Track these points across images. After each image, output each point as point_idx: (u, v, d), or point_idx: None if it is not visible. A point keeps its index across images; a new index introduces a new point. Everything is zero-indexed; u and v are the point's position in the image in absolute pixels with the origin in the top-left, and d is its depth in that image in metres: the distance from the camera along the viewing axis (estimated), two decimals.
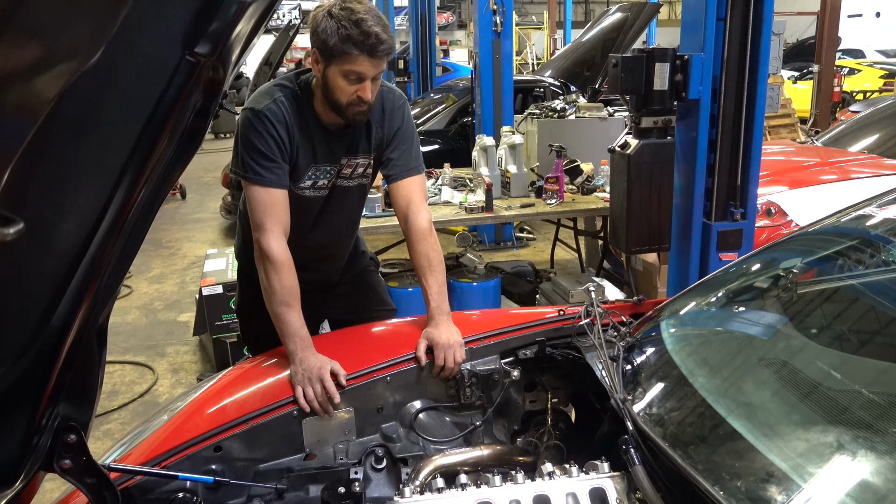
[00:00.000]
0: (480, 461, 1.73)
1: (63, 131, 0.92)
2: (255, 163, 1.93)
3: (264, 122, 1.94)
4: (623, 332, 1.85)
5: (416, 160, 2.16)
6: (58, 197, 1.01)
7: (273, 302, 1.91)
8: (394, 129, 2.12)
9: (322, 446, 1.77)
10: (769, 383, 1.48)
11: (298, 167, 2.03)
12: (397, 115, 2.12)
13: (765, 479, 1.21)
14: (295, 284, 1.93)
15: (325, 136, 2.05)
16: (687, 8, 2.99)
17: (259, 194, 1.94)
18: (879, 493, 1.14)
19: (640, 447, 1.41)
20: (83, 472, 1.32)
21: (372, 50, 1.83)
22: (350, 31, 1.80)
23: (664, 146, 3.02)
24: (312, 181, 2.10)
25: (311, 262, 2.23)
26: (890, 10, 22.20)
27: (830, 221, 1.94)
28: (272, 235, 1.92)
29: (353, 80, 1.88)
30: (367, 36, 1.81)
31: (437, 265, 2.09)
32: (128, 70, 0.94)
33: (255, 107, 1.96)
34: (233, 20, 0.98)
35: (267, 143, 1.94)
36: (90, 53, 0.74)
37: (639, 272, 4.25)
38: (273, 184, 1.95)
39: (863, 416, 1.30)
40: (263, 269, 1.92)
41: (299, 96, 2.01)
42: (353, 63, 1.85)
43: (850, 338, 1.59)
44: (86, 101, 0.91)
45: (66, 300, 1.14)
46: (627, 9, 8.29)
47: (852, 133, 5.84)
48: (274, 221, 1.94)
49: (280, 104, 1.97)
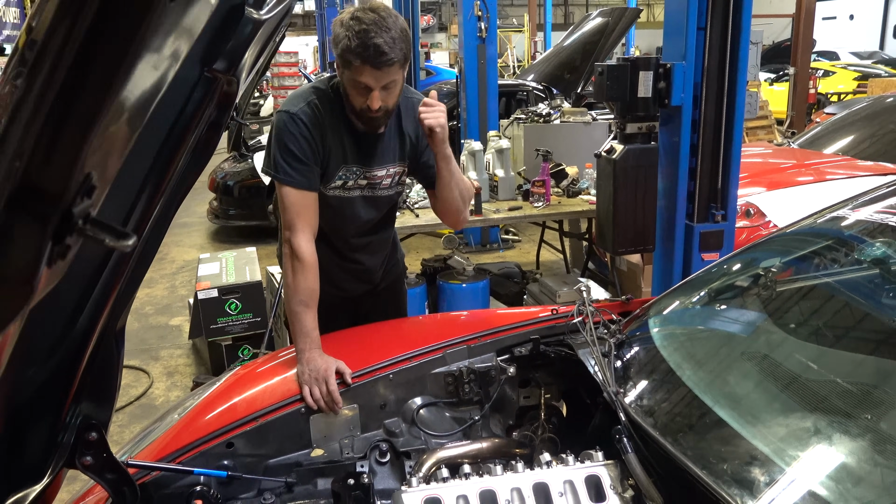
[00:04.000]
0: (480, 454, 1.81)
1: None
2: (287, 165, 2.00)
3: (298, 125, 2.00)
4: (613, 330, 1.94)
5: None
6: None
7: (293, 300, 1.98)
8: (424, 137, 2.16)
9: (328, 442, 1.83)
10: (751, 375, 1.58)
11: (330, 168, 2.09)
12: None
13: (749, 462, 1.30)
14: (316, 287, 2.01)
15: (356, 138, 2.11)
16: (669, 18, 3.09)
17: (291, 195, 2.01)
18: (854, 473, 1.24)
19: (633, 436, 1.49)
20: (104, 469, 1.37)
21: (374, 61, 1.86)
22: (352, 43, 1.85)
23: (648, 151, 3.13)
24: (343, 181, 2.15)
25: (348, 262, 2.31)
26: (863, 12, 22.62)
27: (807, 223, 2.05)
28: (302, 236, 2.00)
29: (361, 90, 1.94)
30: (367, 48, 1.84)
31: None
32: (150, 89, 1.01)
33: (290, 109, 2.02)
34: (248, 38, 1.04)
35: (300, 145, 2.00)
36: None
37: (623, 272, 4.36)
38: (304, 186, 2.02)
39: (838, 403, 1.40)
40: (290, 266, 2.00)
41: (332, 99, 2.07)
42: (357, 73, 1.90)
43: (825, 332, 1.70)
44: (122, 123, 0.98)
45: (90, 304, 1.20)
46: (608, 13, 8.42)
47: (828, 135, 5.97)
48: (304, 222, 2.01)
49: (314, 107, 2.03)
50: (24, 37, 0.78)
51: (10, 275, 0.74)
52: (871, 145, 5.49)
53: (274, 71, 11.52)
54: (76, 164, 0.73)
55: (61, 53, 0.66)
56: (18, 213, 0.71)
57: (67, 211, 0.72)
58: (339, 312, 2.37)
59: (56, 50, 0.66)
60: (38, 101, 0.67)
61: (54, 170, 0.72)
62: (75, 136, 0.72)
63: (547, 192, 4.38)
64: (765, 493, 1.23)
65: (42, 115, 0.68)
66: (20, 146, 0.68)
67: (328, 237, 2.25)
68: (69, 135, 0.72)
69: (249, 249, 4.49)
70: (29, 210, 0.71)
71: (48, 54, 0.66)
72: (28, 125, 0.68)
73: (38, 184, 0.71)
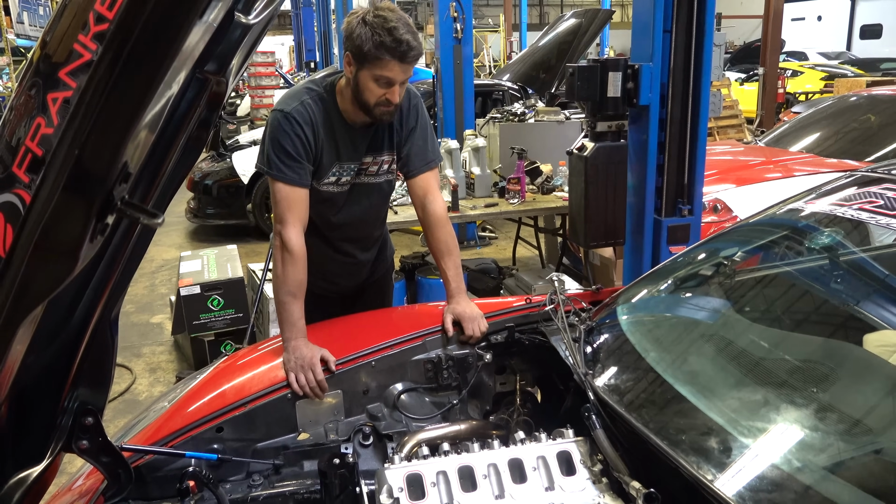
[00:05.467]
0: (458, 435, 1.89)
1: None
2: (280, 162, 2.09)
3: (291, 124, 2.09)
4: (584, 317, 2.05)
5: (432, 153, 2.33)
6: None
7: (282, 291, 2.06)
8: (410, 128, 2.27)
9: (314, 426, 1.91)
10: (709, 355, 1.70)
11: (322, 165, 2.18)
12: (412, 113, 2.28)
13: (705, 432, 1.42)
14: (304, 279, 2.09)
15: (350, 135, 2.20)
16: (636, 21, 3.21)
17: (283, 191, 2.10)
18: (799, 439, 1.36)
19: (601, 413, 1.59)
20: (99, 452, 1.43)
21: (403, 56, 1.98)
22: (384, 38, 1.95)
23: (618, 148, 3.25)
24: (336, 177, 2.23)
25: (340, 255, 2.40)
26: (830, 14, 23.08)
27: (766, 214, 2.17)
28: (293, 229, 2.08)
29: (382, 84, 2.03)
30: (400, 43, 1.96)
31: (454, 249, 2.29)
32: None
33: (284, 108, 2.11)
34: (238, 40, 1.11)
35: (293, 143, 2.09)
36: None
37: (596, 267, 4.48)
38: (296, 182, 2.10)
39: (787, 378, 1.52)
40: (280, 258, 2.08)
41: (325, 98, 2.16)
42: (384, 68, 2.00)
43: (778, 315, 1.82)
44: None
45: (88, 293, 1.27)
46: (581, 15, 8.57)
47: (793, 133, 6.14)
48: (295, 217, 2.09)
49: (307, 106, 2.12)
50: (38, 51, 0.89)
51: (60, 246, 0.87)
52: (836, 142, 5.65)
53: (251, 71, 11.49)
54: (119, 154, 0.84)
55: (115, 62, 0.80)
56: (72, 193, 0.84)
57: (109, 193, 0.84)
58: (329, 306, 2.44)
59: (110, 59, 0.81)
60: (94, 103, 0.81)
61: (102, 158, 0.85)
62: (120, 131, 0.86)
63: (522, 189, 4.49)
64: (719, 459, 1.34)
65: (95, 112, 0.81)
66: (77, 137, 0.81)
67: (321, 231, 2.34)
68: (115, 129, 0.85)
69: (231, 247, 4.55)
70: (80, 190, 0.83)
71: (103, 65, 0.82)
72: (83, 120, 0.81)
73: (89, 169, 0.83)
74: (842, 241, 1.83)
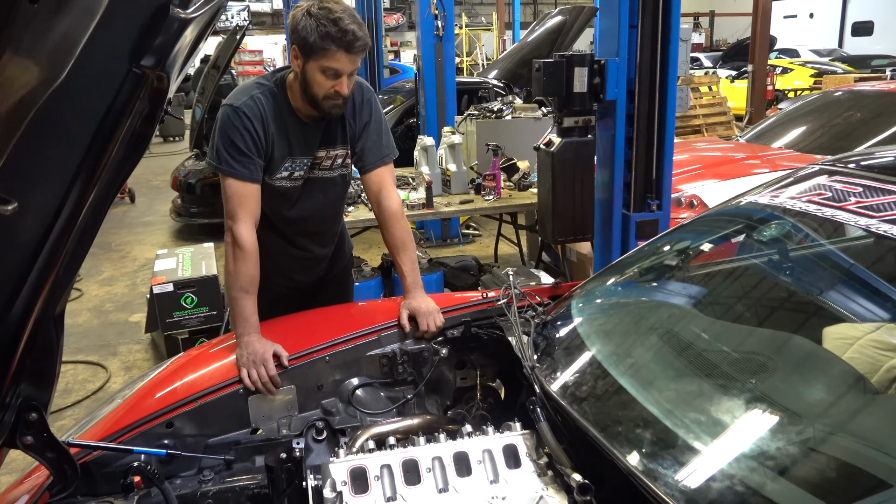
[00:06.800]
0: (411, 429, 1.88)
1: (26, 138, 1.07)
2: (230, 157, 2.08)
3: (241, 118, 2.08)
4: (539, 311, 2.06)
5: (386, 148, 2.32)
6: (20, 195, 1.15)
7: (234, 287, 2.05)
8: (363, 122, 2.27)
9: (267, 421, 1.92)
10: (652, 347, 1.71)
11: (274, 160, 2.17)
12: (366, 108, 2.27)
13: (640, 424, 1.42)
14: (256, 274, 2.08)
15: (302, 130, 2.19)
16: (603, 16, 3.21)
17: (233, 186, 2.09)
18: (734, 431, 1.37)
19: (545, 406, 1.60)
20: (44, 448, 1.41)
21: (350, 46, 1.98)
22: (329, 29, 1.95)
23: (585, 144, 3.26)
24: (289, 172, 2.23)
25: (297, 249, 2.39)
26: (822, 11, 23.13)
27: (724, 207, 2.18)
28: (244, 225, 2.07)
29: (330, 76, 2.02)
30: (345, 33, 1.96)
31: (410, 244, 2.29)
32: (79, 83, 1.05)
33: (234, 103, 2.10)
34: (175, 35, 1.09)
35: (243, 138, 2.08)
36: (58, 75, 0.91)
37: (573, 263, 4.49)
38: (246, 177, 2.09)
39: (726, 369, 1.53)
40: (232, 254, 2.07)
41: (275, 93, 2.15)
42: (331, 59, 1.99)
43: (725, 307, 1.83)
44: (45, 111, 1.06)
45: (26, 289, 1.25)
46: (567, 12, 8.58)
47: (775, 129, 6.15)
48: (246, 212, 2.09)
49: (257, 101, 2.11)
50: None
51: None
52: (820, 137, 5.66)
53: (239, 70, 11.49)
54: None
55: None
56: None
57: None
58: (287, 303, 2.44)
59: None
60: None
61: None
62: None
63: (498, 186, 4.50)
64: (652, 451, 1.35)
65: None
66: None
67: (277, 226, 2.33)
68: None
69: (207, 245, 4.54)
70: None
71: None
72: None
73: None
74: (786, 234, 1.84)
